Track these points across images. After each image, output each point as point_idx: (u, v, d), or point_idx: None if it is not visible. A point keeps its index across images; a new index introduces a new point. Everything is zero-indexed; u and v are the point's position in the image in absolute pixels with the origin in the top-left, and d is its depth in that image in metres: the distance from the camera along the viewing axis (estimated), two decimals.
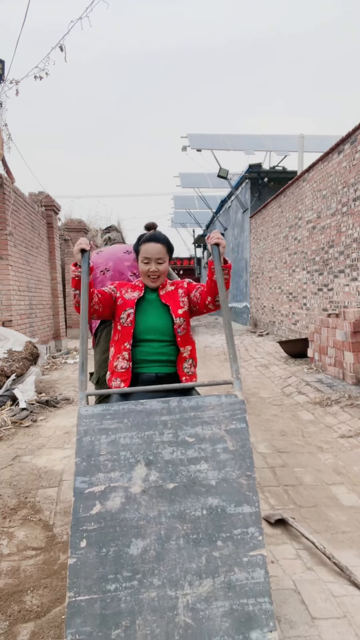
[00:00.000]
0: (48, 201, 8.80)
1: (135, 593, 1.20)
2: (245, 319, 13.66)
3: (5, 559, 2.04)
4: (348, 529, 2.25)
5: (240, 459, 1.46)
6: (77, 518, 1.32)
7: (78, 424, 1.51)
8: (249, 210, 12.81)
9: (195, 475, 1.42)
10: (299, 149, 10.67)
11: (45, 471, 2.97)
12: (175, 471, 1.43)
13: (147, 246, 1.99)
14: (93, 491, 1.37)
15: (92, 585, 1.20)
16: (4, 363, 4.97)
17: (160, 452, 1.46)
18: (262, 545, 1.30)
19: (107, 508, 1.34)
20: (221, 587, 1.23)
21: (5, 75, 6.14)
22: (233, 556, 1.27)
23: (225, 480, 1.41)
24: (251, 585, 1.24)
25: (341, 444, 3.40)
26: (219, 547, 1.29)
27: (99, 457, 1.44)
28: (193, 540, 1.29)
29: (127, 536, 1.29)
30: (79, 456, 1.44)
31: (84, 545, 1.27)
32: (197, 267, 27.80)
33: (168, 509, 1.35)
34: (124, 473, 1.41)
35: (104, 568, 1.23)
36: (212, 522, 1.33)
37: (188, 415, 1.56)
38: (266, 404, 4.68)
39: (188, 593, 1.20)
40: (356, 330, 4.84)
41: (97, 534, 1.29)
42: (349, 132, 6.08)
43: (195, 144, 13.17)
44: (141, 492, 1.38)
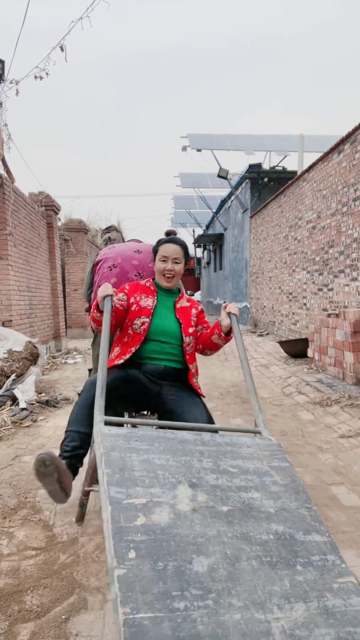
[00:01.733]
0: (48, 201, 8.80)
1: (212, 614, 0.95)
2: (245, 319, 13.66)
3: (5, 559, 2.04)
4: (348, 529, 2.25)
5: (294, 492, 1.29)
6: (119, 527, 1.07)
7: (101, 441, 1.32)
8: (249, 210, 12.81)
9: (249, 501, 1.22)
10: (299, 149, 10.67)
11: None
12: (225, 496, 1.22)
13: (166, 246, 2.10)
14: (133, 502, 1.14)
15: (153, 602, 0.94)
16: (4, 363, 4.97)
17: (203, 477, 1.26)
18: (349, 573, 1.10)
19: (153, 521, 1.10)
20: (318, 613, 0.99)
21: (5, 75, 6.14)
22: (320, 582, 1.06)
23: (284, 510, 1.22)
24: (353, 612, 1.01)
25: (341, 444, 3.40)
26: (300, 571, 1.07)
27: (133, 472, 1.23)
28: (268, 563, 1.07)
29: (186, 552, 1.05)
30: (110, 468, 1.22)
31: (133, 557, 1.01)
32: (197, 267, 27.79)
33: (228, 530, 1.13)
34: (167, 491, 1.19)
35: (166, 583, 0.98)
36: (284, 547, 1.12)
37: (224, 449, 1.40)
38: (266, 404, 4.68)
39: (280, 617, 0.97)
40: (356, 330, 4.85)
41: (148, 546, 1.04)
42: (349, 132, 6.08)
43: (195, 144, 13.18)
44: (191, 510, 1.16)
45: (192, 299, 2.25)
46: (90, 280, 2.96)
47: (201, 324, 2.15)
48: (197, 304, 2.21)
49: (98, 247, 13.70)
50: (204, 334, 2.11)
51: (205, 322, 2.17)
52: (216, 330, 2.00)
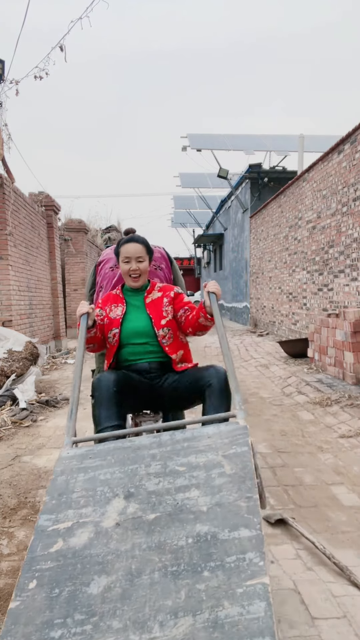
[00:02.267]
0: (48, 201, 8.80)
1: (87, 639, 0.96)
2: (245, 319, 13.66)
3: (5, 559, 2.04)
4: (348, 529, 2.25)
5: (239, 482, 1.28)
6: (32, 557, 1.14)
7: (56, 466, 1.41)
8: (249, 210, 12.81)
9: (182, 503, 1.24)
10: (299, 149, 10.67)
11: (45, 471, 2.97)
12: (158, 501, 1.26)
13: (127, 246, 2.07)
14: (57, 528, 1.21)
15: (31, 633, 0.97)
16: (4, 363, 4.98)
17: (143, 484, 1.31)
18: (264, 572, 1.04)
19: (70, 545, 1.16)
20: (204, 626, 0.95)
21: (5, 75, 6.14)
22: (223, 587, 1.02)
23: (219, 505, 1.22)
24: (245, 622, 0.95)
25: (341, 444, 3.40)
26: (205, 578, 1.04)
27: (71, 495, 1.31)
28: (171, 573, 1.07)
29: (89, 574, 1.09)
30: (49, 495, 1.32)
31: (33, 587, 1.07)
32: (197, 267, 27.79)
33: (144, 541, 1.15)
34: (98, 508, 1.26)
35: (52, 612, 1.01)
36: (199, 551, 1.11)
37: (181, 446, 1.43)
38: (266, 404, 4.68)
39: (157, 637, 0.94)
40: (356, 330, 4.85)
41: (53, 572, 1.10)
42: (349, 132, 6.08)
43: (195, 144, 13.18)
44: (114, 525, 1.20)
45: (166, 286, 2.19)
46: (92, 280, 2.96)
47: (181, 307, 2.11)
48: (169, 290, 2.15)
49: (98, 247, 13.70)
50: (190, 318, 2.07)
51: (187, 304, 2.11)
52: (201, 313, 1.97)
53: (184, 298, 2.17)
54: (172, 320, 2.10)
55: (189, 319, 2.07)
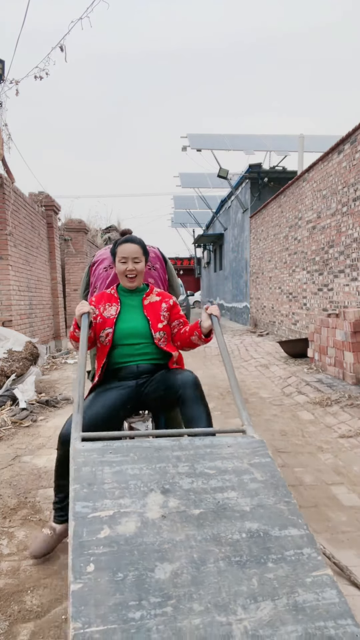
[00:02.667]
0: (48, 201, 8.81)
1: (170, 621, 0.92)
2: (245, 319, 13.66)
3: (5, 559, 2.04)
4: (348, 529, 2.25)
5: (273, 488, 1.28)
6: (81, 542, 1.07)
7: (75, 457, 1.34)
8: (249, 210, 12.81)
9: (223, 502, 1.22)
10: (299, 149, 10.67)
11: (45, 471, 2.97)
12: (199, 499, 1.22)
13: (124, 246, 2.06)
14: (99, 515, 1.14)
15: (107, 614, 0.92)
16: (4, 363, 4.98)
17: (177, 482, 1.27)
18: (325, 565, 1.07)
19: (118, 532, 1.10)
20: (286, 609, 0.96)
21: (5, 75, 6.14)
22: (292, 577, 1.03)
23: (261, 506, 1.21)
24: (325, 606, 0.98)
25: (341, 444, 3.40)
26: (271, 568, 1.04)
27: (103, 485, 1.24)
28: (237, 563, 1.05)
29: (150, 560, 1.04)
30: (78, 483, 1.23)
31: (92, 570, 1.01)
32: (197, 267, 27.79)
33: (197, 533, 1.12)
34: (136, 500, 1.20)
35: (123, 594, 0.96)
36: (256, 545, 1.10)
37: (203, 451, 1.41)
38: (266, 404, 4.68)
39: (244, 618, 0.94)
40: (356, 330, 4.85)
41: (109, 557, 1.04)
42: (349, 132, 6.08)
43: (195, 144, 13.18)
44: (160, 517, 1.15)
45: (164, 292, 2.22)
46: (87, 281, 2.96)
47: (176, 319, 2.12)
48: (168, 297, 2.17)
49: (98, 247, 13.70)
50: (182, 332, 2.08)
51: (181, 317, 2.14)
52: (196, 332, 2.00)
53: (180, 310, 2.18)
54: (167, 326, 2.10)
55: (180, 333, 2.09)
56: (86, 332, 1.84)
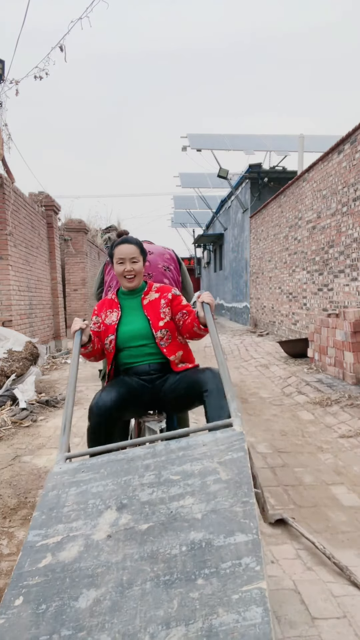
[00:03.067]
0: (48, 201, 8.81)
1: None
2: (245, 319, 13.66)
3: (5, 559, 2.04)
4: (348, 529, 2.25)
5: (235, 487, 1.26)
6: (20, 574, 1.12)
7: (47, 481, 1.41)
8: (249, 210, 12.81)
9: (177, 511, 1.23)
10: (299, 149, 10.67)
11: (45, 471, 2.97)
12: (152, 511, 1.25)
13: (121, 248, 2.07)
14: (46, 543, 1.19)
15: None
16: (4, 363, 4.98)
17: (137, 495, 1.30)
18: (261, 577, 1.01)
19: (59, 559, 1.14)
20: (196, 636, 0.93)
21: (5, 75, 6.14)
22: (217, 594, 1.00)
23: (214, 512, 1.20)
24: (242, 629, 0.92)
25: (341, 444, 3.40)
26: (199, 586, 1.02)
27: (62, 509, 1.29)
28: (164, 583, 1.05)
29: (78, 587, 1.07)
30: (39, 510, 1.30)
31: (19, 603, 1.05)
32: (197, 267, 27.79)
33: (136, 552, 1.14)
34: (89, 521, 1.24)
35: (38, 628, 0.99)
36: (192, 559, 1.09)
37: (175, 455, 1.42)
38: (266, 404, 4.68)
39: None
40: (356, 330, 4.85)
41: (40, 588, 1.08)
42: (349, 132, 6.08)
43: (195, 144, 13.17)
44: (106, 537, 1.19)
45: (164, 287, 2.20)
46: (101, 279, 2.98)
47: (179, 310, 2.11)
48: (166, 291, 2.15)
49: (98, 247, 13.70)
50: (187, 323, 2.08)
51: (185, 307, 2.12)
52: (195, 323, 2.01)
53: (182, 301, 2.16)
54: (170, 321, 2.09)
55: (186, 324, 2.08)
56: (78, 350, 1.87)
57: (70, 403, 1.68)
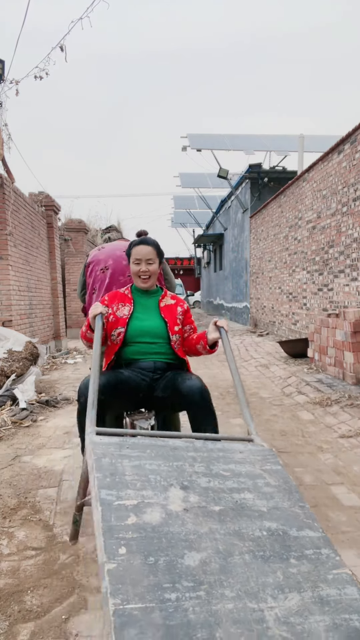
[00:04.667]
0: (48, 201, 8.80)
1: (205, 604, 0.94)
2: (245, 319, 13.66)
3: (5, 559, 2.04)
4: (348, 529, 2.25)
5: (286, 493, 1.29)
6: (110, 526, 1.07)
7: (93, 449, 1.35)
8: (249, 210, 12.81)
9: (241, 501, 1.23)
10: (299, 149, 10.67)
11: (45, 471, 2.97)
12: (217, 497, 1.23)
13: (138, 248, 2.09)
14: (124, 504, 1.15)
15: (144, 593, 0.94)
16: (4, 363, 4.97)
17: (195, 480, 1.28)
18: (344, 565, 1.09)
19: (144, 520, 1.11)
20: (312, 601, 0.99)
21: (5, 75, 6.14)
22: (314, 573, 1.05)
23: (277, 509, 1.22)
24: (348, 601, 1.00)
25: (341, 444, 3.40)
26: (294, 564, 1.06)
27: (124, 476, 1.25)
28: (261, 557, 1.07)
29: (178, 548, 1.05)
30: (100, 472, 1.24)
31: (124, 552, 1.02)
32: (197, 267, 27.79)
33: (220, 527, 1.13)
34: (158, 493, 1.21)
35: (157, 576, 0.98)
36: (277, 542, 1.11)
37: (217, 454, 1.43)
38: (266, 404, 4.68)
39: (274, 606, 0.96)
40: (356, 330, 4.85)
41: (139, 543, 1.05)
42: (349, 132, 6.08)
43: (195, 144, 13.17)
44: (183, 510, 1.16)
45: (177, 297, 2.26)
46: (83, 281, 2.97)
47: (188, 324, 2.17)
48: (182, 302, 2.22)
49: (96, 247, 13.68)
50: (190, 338, 2.13)
51: (191, 323, 2.19)
52: (202, 341, 2.04)
53: (191, 316, 2.24)
54: (181, 329, 2.15)
55: (189, 339, 2.12)
56: (100, 333, 1.89)
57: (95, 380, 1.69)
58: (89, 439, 1.41)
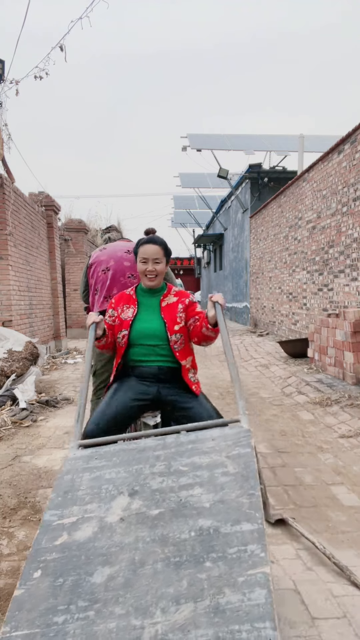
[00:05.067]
0: (48, 201, 8.80)
1: (88, 625, 1.00)
2: (245, 319, 13.66)
3: (5, 559, 2.04)
4: (348, 529, 2.25)
5: (242, 480, 1.33)
6: (37, 549, 1.19)
7: (63, 466, 1.50)
8: (249, 210, 12.81)
9: (186, 499, 1.29)
10: (299, 149, 10.67)
11: (45, 471, 2.97)
12: (162, 498, 1.31)
13: (145, 247, 2.08)
14: (62, 523, 1.27)
15: (35, 619, 1.02)
16: (4, 363, 4.97)
17: (147, 483, 1.37)
18: (265, 562, 1.08)
19: (74, 538, 1.21)
20: (205, 612, 0.99)
21: (5, 75, 6.14)
22: (224, 577, 1.06)
23: (221, 502, 1.27)
24: (246, 608, 0.98)
25: (341, 444, 3.40)
26: (207, 568, 1.08)
27: (77, 492, 1.37)
28: (174, 564, 1.11)
29: (93, 564, 1.13)
30: (55, 492, 1.38)
31: (38, 576, 1.12)
32: (197, 267, 27.78)
33: (148, 534, 1.20)
34: (102, 504, 1.32)
35: (56, 599, 1.06)
36: (201, 544, 1.15)
37: (185, 448, 1.49)
38: (266, 404, 4.68)
39: (159, 622, 0.99)
40: (356, 330, 4.85)
41: (57, 563, 1.15)
42: (349, 132, 6.08)
43: (195, 144, 13.17)
44: (118, 520, 1.26)
45: (182, 292, 2.22)
46: (85, 282, 2.98)
47: (193, 316, 2.11)
48: (185, 297, 2.17)
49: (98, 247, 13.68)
50: (197, 326, 2.08)
51: (198, 314, 2.13)
52: (204, 323, 2.01)
53: (197, 307, 2.16)
54: (184, 327, 2.11)
55: (196, 328, 2.07)
56: (92, 342, 1.95)
57: (83, 393, 1.76)
58: (67, 454, 1.55)
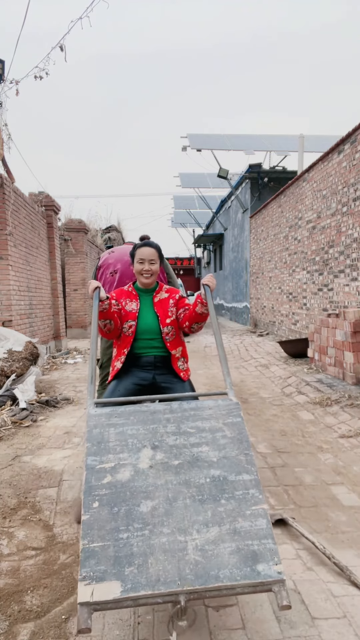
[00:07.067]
0: (48, 201, 8.80)
1: (146, 539, 1.37)
2: (245, 319, 13.66)
3: (5, 559, 2.04)
4: (348, 529, 2.25)
5: (238, 443, 1.66)
6: (90, 486, 1.49)
7: (88, 421, 1.72)
8: (249, 210, 12.81)
9: (198, 454, 1.61)
10: (299, 149, 10.67)
11: (45, 471, 2.97)
12: (179, 452, 1.62)
13: (142, 250, 2.35)
14: (104, 467, 1.55)
15: (105, 535, 1.37)
16: (4, 363, 4.97)
17: (164, 440, 1.66)
18: (263, 502, 1.48)
19: (117, 479, 1.52)
20: (227, 532, 1.39)
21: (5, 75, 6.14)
22: (236, 510, 1.45)
23: (225, 458, 1.61)
24: (255, 530, 1.40)
25: (341, 444, 3.40)
26: (223, 504, 1.47)
27: (108, 443, 1.63)
28: (199, 500, 1.47)
29: (137, 498, 1.46)
30: (90, 442, 1.63)
31: (97, 506, 1.44)
32: (197, 267, 27.78)
33: (174, 478, 1.53)
34: (132, 454, 1.60)
35: (116, 522, 1.40)
36: (215, 487, 1.51)
37: (188, 413, 1.77)
38: (266, 404, 4.68)
39: (196, 538, 1.38)
40: (356, 330, 4.84)
41: (109, 497, 1.46)
42: (349, 132, 6.08)
43: (195, 144, 13.17)
44: (148, 467, 1.56)
45: (172, 289, 2.46)
46: None
47: (182, 307, 2.36)
48: (175, 292, 2.43)
49: (98, 247, 13.69)
50: (186, 314, 2.30)
51: (187, 305, 2.37)
52: (198, 300, 2.21)
53: (185, 300, 2.41)
54: (175, 320, 2.36)
55: (187, 314, 2.30)
56: (97, 304, 2.09)
57: (93, 355, 1.99)
58: (87, 411, 1.77)
